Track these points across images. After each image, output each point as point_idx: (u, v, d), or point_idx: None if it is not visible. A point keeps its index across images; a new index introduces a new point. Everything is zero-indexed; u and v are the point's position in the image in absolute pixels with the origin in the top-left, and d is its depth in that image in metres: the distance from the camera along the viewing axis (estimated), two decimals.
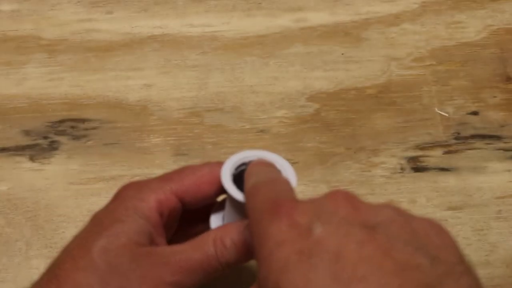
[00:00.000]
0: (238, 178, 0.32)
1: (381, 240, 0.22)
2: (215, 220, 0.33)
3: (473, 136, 0.47)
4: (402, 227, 0.23)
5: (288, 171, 0.32)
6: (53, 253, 0.30)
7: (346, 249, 0.21)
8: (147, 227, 0.30)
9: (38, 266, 0.41)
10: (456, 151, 0.46)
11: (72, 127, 0.47)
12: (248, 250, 0.30)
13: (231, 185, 0.31)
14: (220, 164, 0.33)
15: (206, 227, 0.33)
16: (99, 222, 0.31)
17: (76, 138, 0.46)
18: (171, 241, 0.33)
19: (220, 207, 0.34)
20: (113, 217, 0.30)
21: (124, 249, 0.29)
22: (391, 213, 0.24)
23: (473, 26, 0.52)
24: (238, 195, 0.30)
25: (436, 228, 0.24)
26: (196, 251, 0.30)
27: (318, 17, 0.52)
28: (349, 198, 0.24)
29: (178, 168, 0.33)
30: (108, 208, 0.32)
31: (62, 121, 0.47)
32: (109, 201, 0.32)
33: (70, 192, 0.44)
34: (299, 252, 0.22)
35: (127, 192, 0.32)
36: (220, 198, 0.34)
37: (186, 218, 0.34)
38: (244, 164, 0.32)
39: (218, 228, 0.31)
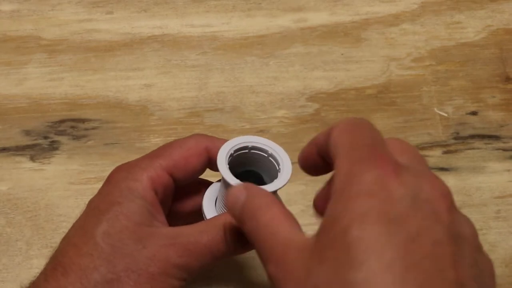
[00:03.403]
0: (233, 164, 0.32)
1: (456, 251, 0.22)
2: (208, 205, 0.34)
3: (472, 136, 0.47)
4: (473, 251, 0.24)
5: (284, 159, 0.32)
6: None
7: (423, 239, 0.22)
8: (145, 206, 0.30)
9: (39, 266, 0.41)
10: (455, 151, 0.46)
11: (72, 127, 0.47)
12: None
13: (227, 171, 0.31)
14: (205, 136, 0.33)
15: (197, 209, 0.34)
16: (96, 207, 0.30)
17: (76, 138, 0.46)
18: None
19: (212, 191, 0.34)
20: (109, 200, 0.30)
21: (126, 230, 0.29)
22: (472, 232, 0.25)
23: (472, 27, 0.52)
24: (234, 181, 0.30)
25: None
26: (204, 235, 0.30)
27: (318, 17, 0.53)
28: (447, 196, 0.24)
29: (165, 144, 0.33)
30: (102, 193, 0.31)
31: (62, 121, 0.47)
32: (102, 186, 0.32)
33: (70, 192, 0.44)
34: (382, 214, 0.22)
35: (119, 174, 0.32)
36: (215, 181, 0.34)
37: (176, 199, 0.34)
38: (238, 150, 0.32)
39: (227, 213, 0.31)
